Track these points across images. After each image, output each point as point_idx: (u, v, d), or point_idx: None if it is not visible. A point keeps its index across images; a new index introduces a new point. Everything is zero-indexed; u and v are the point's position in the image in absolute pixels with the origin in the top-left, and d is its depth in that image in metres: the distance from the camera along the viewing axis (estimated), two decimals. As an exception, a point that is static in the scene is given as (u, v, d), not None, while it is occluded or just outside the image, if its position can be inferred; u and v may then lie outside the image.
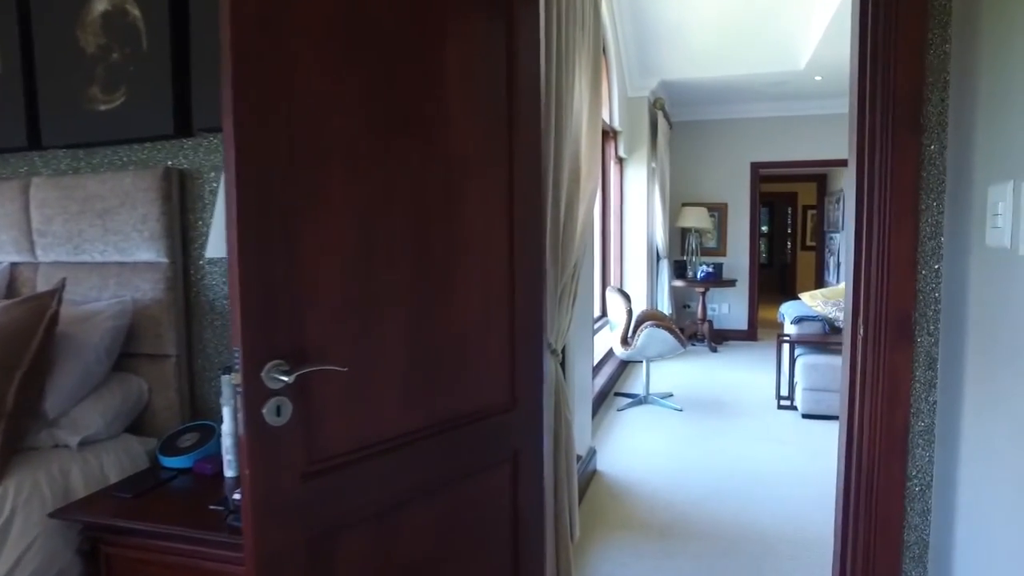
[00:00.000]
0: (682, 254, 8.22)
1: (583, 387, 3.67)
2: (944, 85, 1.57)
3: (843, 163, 8.07)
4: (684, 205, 8.10)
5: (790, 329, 5.43)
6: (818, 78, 6.73)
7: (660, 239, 7.52)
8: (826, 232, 9.81)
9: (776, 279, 14.53)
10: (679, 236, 8.35)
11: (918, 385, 1.66)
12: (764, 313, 10.16)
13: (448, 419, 1.56)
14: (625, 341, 5.04)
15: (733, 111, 8.11)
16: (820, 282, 10.23)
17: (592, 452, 3.84)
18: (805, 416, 4.86)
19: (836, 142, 7.92)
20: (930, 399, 1.66)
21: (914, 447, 1.67)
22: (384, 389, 1.41)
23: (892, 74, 1.58)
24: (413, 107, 1.43)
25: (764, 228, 15.16)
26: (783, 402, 5.17)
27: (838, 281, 8.63)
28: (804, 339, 5.05)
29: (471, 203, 1.56)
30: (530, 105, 1.67)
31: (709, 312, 8.27)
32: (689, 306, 8.35)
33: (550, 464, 2.29)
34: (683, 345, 4.96)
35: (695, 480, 3.70)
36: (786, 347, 5.21)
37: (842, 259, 8.32)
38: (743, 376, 6.29)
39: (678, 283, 7.78)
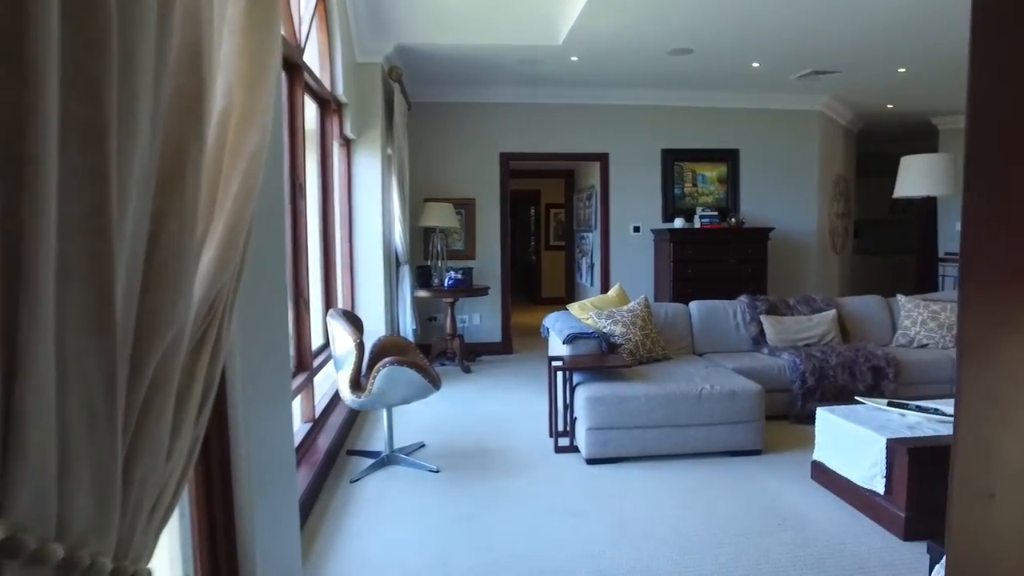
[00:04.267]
0: (426, 258, 7.00)
1: (279, 477, 2.17)
2: None
3: (597, 157, 7.51)
4: (427, 201, 6.89)
5: (560, 349, 4.47)
6: (575, 58, 5.94)
7: (400, 241, 6.20)
8: (576, 231, 9.35)
9: (521, 280, 14.14)
10: (422, 237, 7.12)
11: None
12: (514, 318, 9.41)
13: None
14: (357, 385, 3.61)
15: (481, 94, 7.09)
16: (571, 283, 9.77)
17: (304, 593, 2.36)
18: (590, 462, 3.89)
19: (590, 135, 7.31)
20: None
21: None
22: None
23: None
24: None
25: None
26: (561, 441, 4.16)
27: (592, 283, 8.11)
28: (583, 364, 4.09)
29: None
30: None
31: (459, 324, 7.17)
32: (436, 318, 7.18)
33: None
34: (435, 385, 3.67)
35: (467, 612, 2.42)
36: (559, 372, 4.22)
37: (595, 260, 7.79)
38: (506, 405, 5.23)
39: (422, 293, 6.54)
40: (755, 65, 6.23)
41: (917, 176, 6.29)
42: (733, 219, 7.15)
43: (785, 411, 4.65)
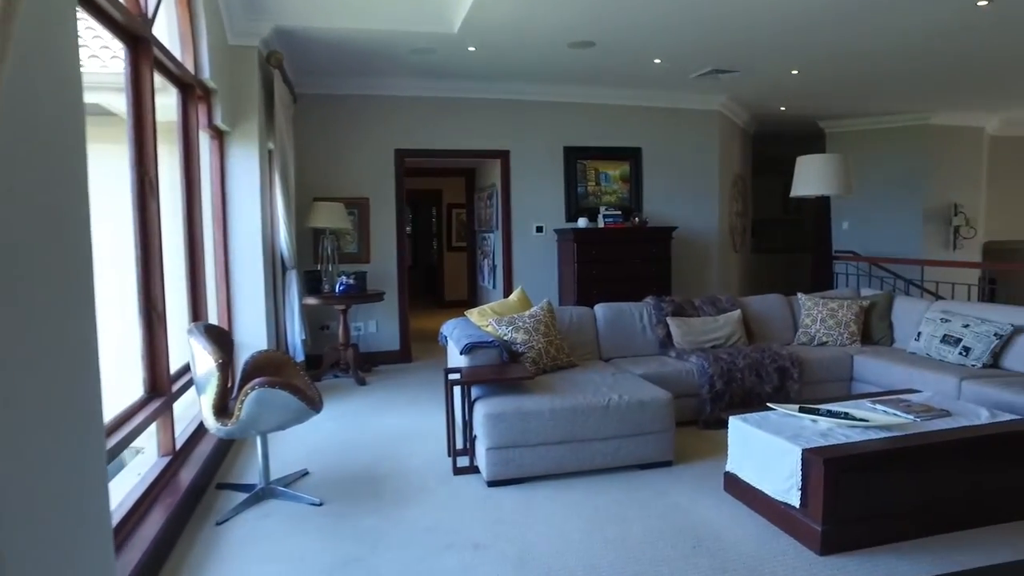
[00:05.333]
0: (316, 262, 6.47)
1: (78, 560, 1.71)
2: None
3: (497, 155, 7.21)
4: (316, 200, 6.37)
5: (459, 360, 4.12)
6: (472, 48, 5.61)
7: (286, 244, 5.67)
8: (478, 231, 9.02)
9: (422, 281, 13.72)
10: (311, 240, 6.59)
11: None
12: (416, 323, 9.00)
13: None
14: (223, 411, 3.12)
15: (374, 86, 6.64)
16: (473, 286, 9.44)
17: None
18: (492, 484, 3.56)
19: (490, 131, 7.01)
20: None
21: None
22: None
23: None
24: None
25: (408, 229, 14.31)
26: (460, 461, 3.81)
27: (494, 286, 7.81)
28: (481, 377, 3.75)
29: None
30: None
31: (354, 333, 6.70)
32: (328, 327, 6.66)
33: None
34: (315, 407, 3.24)
35: None
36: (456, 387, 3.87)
37: (498, 261, 7.49)
38: (403, 420, 4.83)
39: (312, 300, 6.02)
40: (657, 61, 6.12)
41: (812, 175, 6.37)
42: (637, 218, 7.04)
43: (694, 416, 4.50)
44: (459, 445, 3.90)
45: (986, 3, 4.73)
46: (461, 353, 4.01)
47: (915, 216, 9.07)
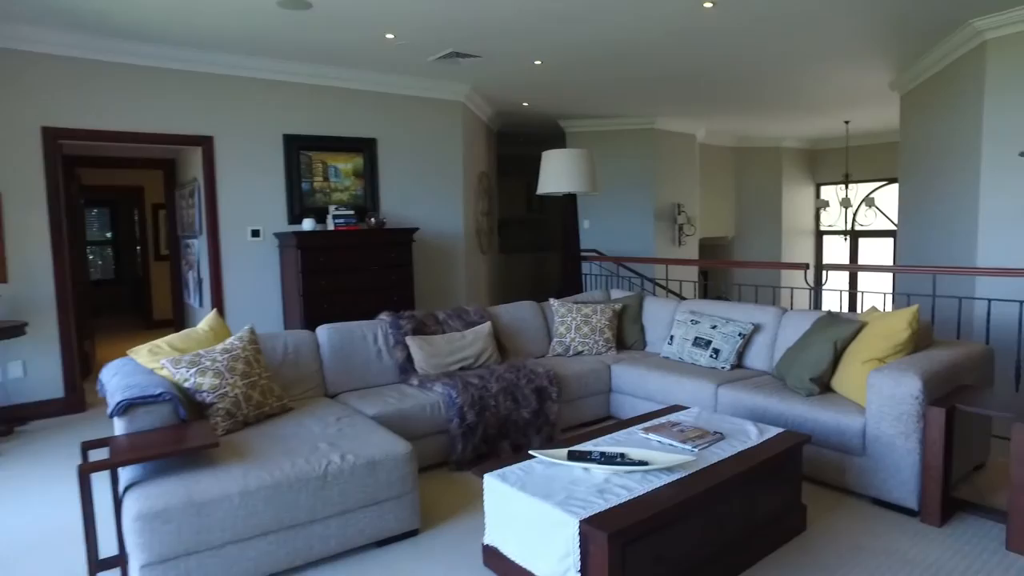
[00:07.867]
0: (-84, 285, 4.54)
1: None
2: None
3: (198, 141, 5.68)
4: (-88, 196, 4.46)
5: (116, 427, 2.85)
6: (137, -6, 4.22)
7: None
8: (181, 237, 7.36)
9: (130, 299, 11.41)
10: (-91, 252, 4.62)
11: None
12: (114, 350, 7.16)
13: None
14: None
15: (3, 35, 4.85)
16: (179, 303, 7.75)
17: None
18: (152, 616, 2.39)
19: (187, 111, 5.56)
20: None
21: None
22: None
23: None
24: None
25: (109, 234, 11.87)
26: (109, 579, 2.57)
27: (202, 303, 6.34)
28: (140, 454, 2.53)
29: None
30: None
31: (-11, 379, 4.87)
32: (-55, 375, 4.74)
33: None
34: None
35: None
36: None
37: (204, 274, 6.06)
38: (37, 512, 3.34)
39: (-98, 341, 4.14)
40: (389, 37, 5.25)
41: (558, 172, 6.00)
42: (373, 219, 6.12)
43: (444, 457, 3.73)
44: (106, 554, 2.65)
45: (711, 5, 4.65)
46: (111, 415, 2.75)
47: (647, 215, 9.41)
